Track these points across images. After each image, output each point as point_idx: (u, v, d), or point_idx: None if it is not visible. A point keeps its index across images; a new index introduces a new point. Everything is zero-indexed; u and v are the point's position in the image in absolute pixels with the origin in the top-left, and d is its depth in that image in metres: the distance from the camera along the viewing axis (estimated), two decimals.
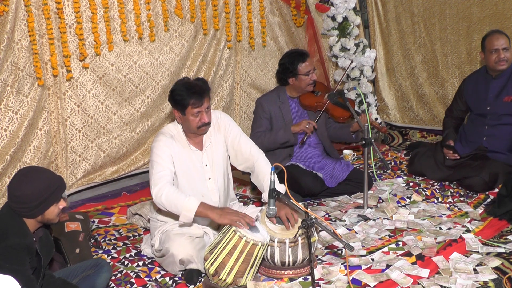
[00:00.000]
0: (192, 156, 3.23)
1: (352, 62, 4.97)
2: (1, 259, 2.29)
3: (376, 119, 5.14)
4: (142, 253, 3.44)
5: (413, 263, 3.10)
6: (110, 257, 3.40)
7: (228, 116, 3.39)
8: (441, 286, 2.86)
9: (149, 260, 3.34)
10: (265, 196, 3.20)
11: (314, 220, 2.73)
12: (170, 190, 2.98)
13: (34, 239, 2.44)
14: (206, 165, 3.26)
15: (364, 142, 3.74)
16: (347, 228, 3.63)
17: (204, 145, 3.26)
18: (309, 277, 2.88)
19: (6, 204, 2.45)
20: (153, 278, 3.12)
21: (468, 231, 3.47)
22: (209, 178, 3.26)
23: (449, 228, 3.53)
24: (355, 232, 3.57)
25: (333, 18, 5.05)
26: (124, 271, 3.20)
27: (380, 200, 4.03)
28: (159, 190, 3.00)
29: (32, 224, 2.44)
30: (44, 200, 2.39)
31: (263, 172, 3.25)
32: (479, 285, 2.84)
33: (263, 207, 3.25)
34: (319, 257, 3.26)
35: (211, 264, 2.87)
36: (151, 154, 3.19)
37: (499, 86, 4.17)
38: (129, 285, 3.06)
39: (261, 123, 4.14)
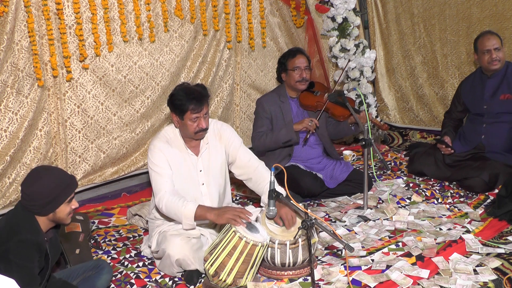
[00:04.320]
0: (187, 160, 3.23)
1: (349, 61, 4.96)
2: (11, 253, 2.31)
3: (376, 116, 5.15)
4: (142, 253, 3.44)
5: (413, 264, 3.10)
6: (110, 257, 3.41)
7: (230, 127, 3.42)
8: (441, 286, 2.86)
9: (149, 261, 3.34)
10: (265, 199, 3.21)
11: (314, 220, 2.74)
12: (168, 200, 3.02)
13: (45, 238, 2.45)
14: (201, 171, 3.26)
15: (364, 142, 3.74)
16: (347, 229, 3.63)
17: (200, 151, 3.27)
18: (309, 278, 2.88)
19: (19, 203, 2.48)
20: (153, 279, 3.12)
21: (468, 231, 3.47)
22: (203, 184, 3.27)
23: (449, 229, 3.53)
24: (355, 233, 3.57)
25: (333, 19, 5.05)
26: (124, 271, 3.20)
27: (380, 201, 4.03)
28: (159, 200, 3.06)
29: (44, 224, 2.47)
30: (54, 198, 2.41)
31: (263, 178, 3.28)
32: (479, 286, 2.84)
33: (263, 208, 3.25)
34: (319, 257, 3.26)
35: (211, 265, 2.87)
36: (148, 162, 3.21)
37: (495, 85, 4.20)
38: (129, 285, 3.06)
39: (262, 123, 4.15)
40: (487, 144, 4.22)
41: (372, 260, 3.19)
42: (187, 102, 3.08)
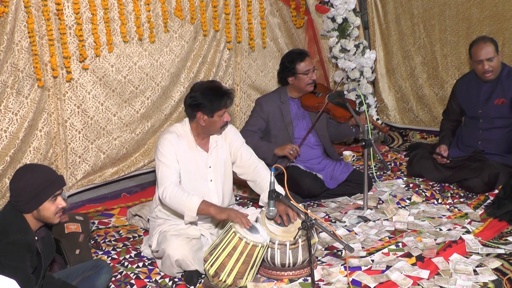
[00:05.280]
0: (197, 156, 3.25)
1: (346, 73, 4.97)
2: (1, 255, 2.30)
3: (377, 119, 5.15)
4: (142, 254, 3.44)
5: (413, 264, 3.10)
6: (110, 258, 3.41)
7: (233, 127, 3.49)
8: (441, 287, 2.86)
9: (149, 261, 3.34)
10: (264, 198, 3.23)
11: (314, 221, 2.74)
12: (173, 191, 3.02)
13: (36, 237, 2.45)
14: (210, 167, 3.29)
15: (364, 143, 3.74)
16: (347, 229, 3.62)
17: (210, 148, 3.30)
18: (309, 278, 2.88)
19: (9, 202, 2.47)
20: (153, 279, 3.12)
21: (468, 232, 3.47)
22: (211, 180, 3.30)
23: (449, 229, 3.53)
24: (355, 233, 3.57)
25: (333, 19, 5.05)
26: (124, 272, 3.20)
27: (380, 201, 4.03)
28: (164, 190, 3.06)
29: (33, 222, 2.45)
30: (37, 194, 2.39)
31: (262, 177, 3.31)
32: (479, 286, 2.84)
33: (263, 209, 3.25)
34: (319, 258, 3.26)
35: (211, 265, 2.87)
36: (156, 153, 3.21)
37: (489, 89, 4.17)
38: (129, 286, 3.06)
39: (256, 122, 4.14)
40: (485, 149, 4.21)
41: (372, 260, 3.19)
42: (220, 99, 3.13)
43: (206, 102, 3.13)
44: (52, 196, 2.43)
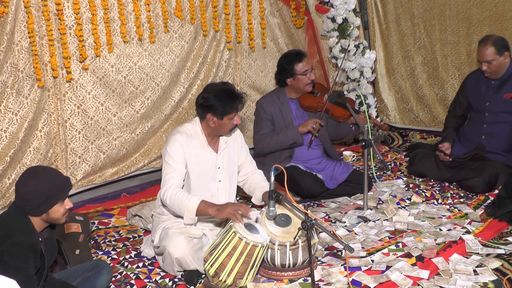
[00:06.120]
0: (207, 156, 3.26)
1: (343, 59, 4.89)
2: (5, 255, 2.31)
3: (376, 116, 5.15)
4: (142, 254, 3.44)
5: (413, 265, 3.10)
6: (110, 258, 3.41)
7: (242, 135, 3.51)
8: (441, 287, 2.86)
9: (149, 262, 3.34)
10: (254, 200, 3.36)
11: (314, 221, 2.74)
12: (173, 192, 3.03)
13: (40, 239, 2.45)
14: (219, 168, 3.30)
15: (364, 143, 3.74)
16: (347, 230, 3.62)
17: (220, 149, 3.31)
18: (309, 279, 2.88)
19: (14, 203, 2.47)
20: (153, 280, 3.12)
21: (468, 232, 3.47)
22: (219, 180, 3.31)
23: (449, 230, 3.53)
24: (355, 234, 3.57)
25: (333, 20, 5.05)
26: (124, 272, 3.20)
27: (380, 202, 4.03)
28: (165, 192, 3.07)
29: (38, 224, 2.46)
30: (47, 199, 2.40)
31: (257, 179, 3.42)
32: (479, 287, 2.84)
33: (263, 209, 3.25)
34: (319, 258, 3.26)
35: (211, 265, 2.87)
36: (163, 153, 3.21)
37: (499, 83, 4.19)
38: (129, 286, 3.06)
39: (264, 125, 4.14)
40: (487, 145, 4.22)
41: (372, 260, 3.19)
42: (232, 103, 3.13)
43: (218, 104, 3.11)
44: (61, 200, 2.45)
